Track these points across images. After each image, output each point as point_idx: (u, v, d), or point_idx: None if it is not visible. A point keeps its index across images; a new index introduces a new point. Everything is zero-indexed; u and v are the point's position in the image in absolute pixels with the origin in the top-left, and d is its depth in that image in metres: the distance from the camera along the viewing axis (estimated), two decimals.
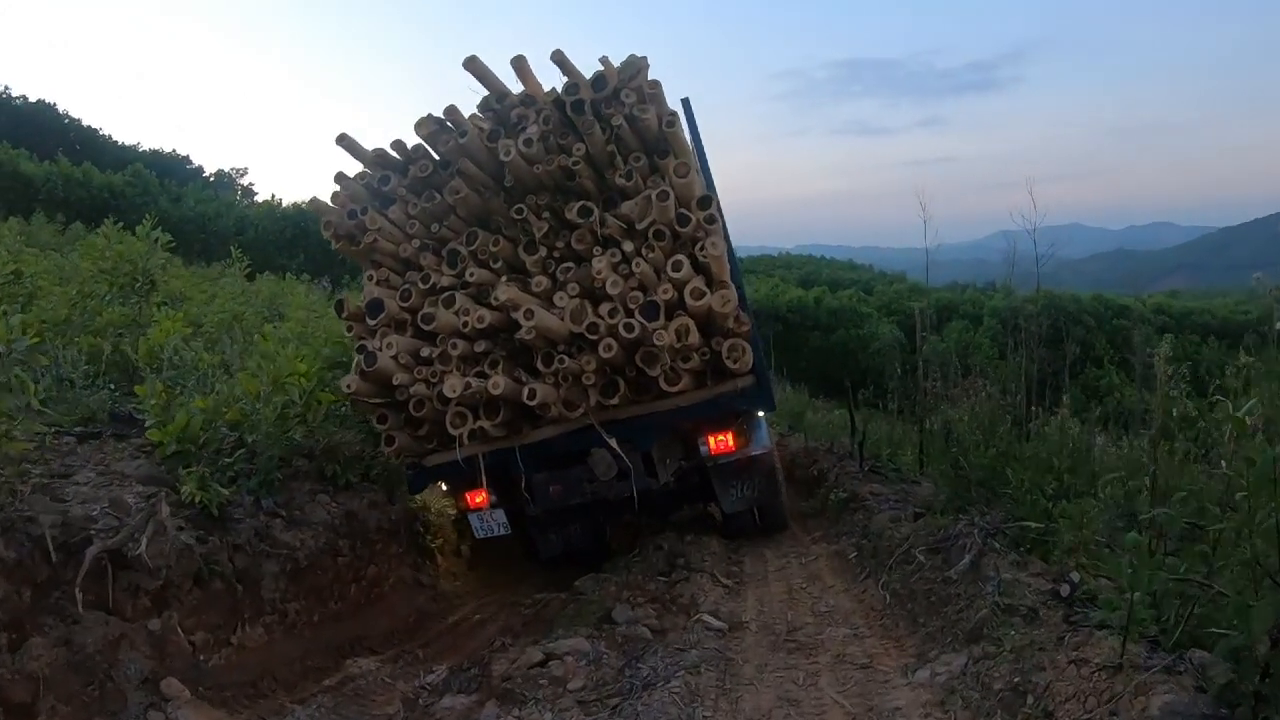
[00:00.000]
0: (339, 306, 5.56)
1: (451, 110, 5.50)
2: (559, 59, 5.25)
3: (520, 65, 5.42)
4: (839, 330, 32.64)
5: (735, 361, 5.20)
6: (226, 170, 45.42)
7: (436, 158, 5.59)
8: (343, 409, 5.78)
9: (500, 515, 5.70)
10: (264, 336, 5.45)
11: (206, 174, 42.71)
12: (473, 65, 5.32)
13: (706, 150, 6.44)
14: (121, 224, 7.77)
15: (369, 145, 5.75)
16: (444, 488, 6.13)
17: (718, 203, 5.84)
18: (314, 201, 5.62)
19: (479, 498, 5.62)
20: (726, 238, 5.86)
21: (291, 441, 5.11)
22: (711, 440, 5.78)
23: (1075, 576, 3.46)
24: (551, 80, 5.60)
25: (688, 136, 5.85)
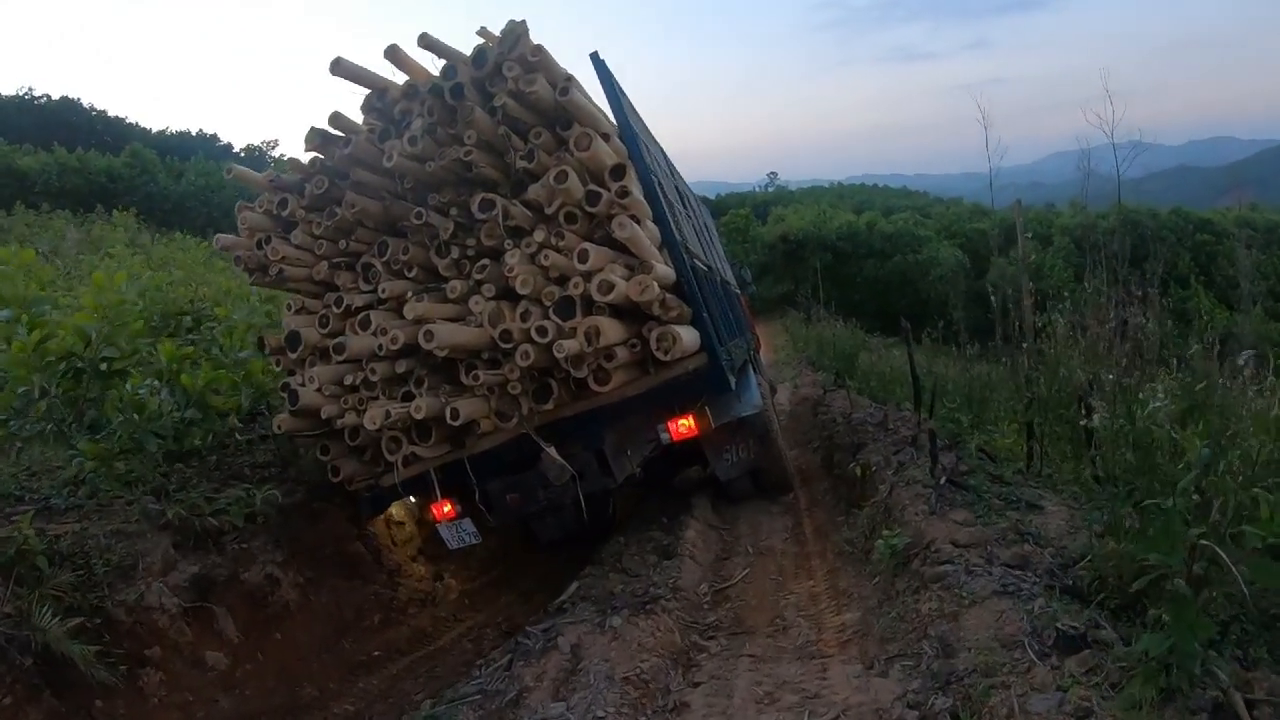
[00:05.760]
0: (260, 343, 5.38)
1: (336, 117, 5.08)
2: (427, 42, 4.72)
3: (396, 55, 4.91)
4: (895, 257, 30.15)
5: (665, 352, 4.69)
6: (257, 144, 45.04)
7: (333, 170, 5.22)
8: None
9: (468, 524, 5.52)
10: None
11: (236, 149, 42.49)
12: (340, 69, 4.84)
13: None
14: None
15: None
16: (413, 501, 6.00)
17: (649, 168, 5.23)
18: (220, 238, 5.39)
19: (445, 509, 5.45)
20: (661, 202, 5.26)
21: None
22: (671, 426, 5.35)
23: None
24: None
25: (602, 100, 5.22)
